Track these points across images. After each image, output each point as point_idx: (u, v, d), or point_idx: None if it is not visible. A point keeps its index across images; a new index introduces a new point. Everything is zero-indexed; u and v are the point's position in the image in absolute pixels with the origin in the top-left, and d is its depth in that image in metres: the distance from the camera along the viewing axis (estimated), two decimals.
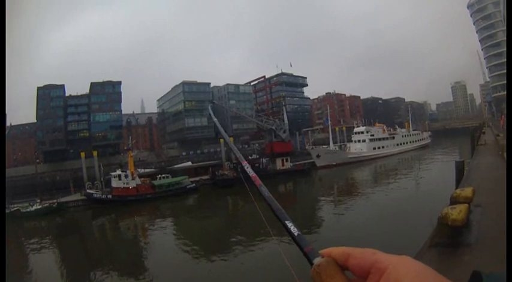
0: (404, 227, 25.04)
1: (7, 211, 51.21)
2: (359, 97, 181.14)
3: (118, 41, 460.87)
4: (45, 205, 54.57)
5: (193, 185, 64.33)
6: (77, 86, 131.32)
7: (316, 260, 1.04)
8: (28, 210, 53.22)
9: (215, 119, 3.99)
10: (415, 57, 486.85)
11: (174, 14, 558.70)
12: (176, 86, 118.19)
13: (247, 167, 1.81)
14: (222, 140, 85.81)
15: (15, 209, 53.12)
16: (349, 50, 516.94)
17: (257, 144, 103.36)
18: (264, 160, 76.91)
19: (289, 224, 1.24)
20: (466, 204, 8.79)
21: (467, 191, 9.74)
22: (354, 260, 0.98)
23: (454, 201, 9.31)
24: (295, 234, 1.20)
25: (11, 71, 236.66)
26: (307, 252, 1.10)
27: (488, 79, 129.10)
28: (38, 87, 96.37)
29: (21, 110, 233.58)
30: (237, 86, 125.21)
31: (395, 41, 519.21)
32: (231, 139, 15.32)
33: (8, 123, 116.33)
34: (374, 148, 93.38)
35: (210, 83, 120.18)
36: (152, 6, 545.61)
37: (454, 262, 7.25)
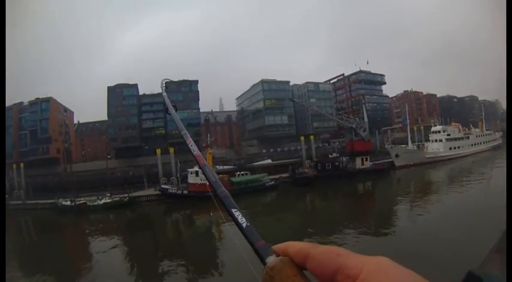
0: (476, 228, 23.31)
1: (72, 204, 51.86)
2: (435, 95, 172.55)
3: (195, 41, 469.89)
4: (115, 199, 53.53)
5: (273, 182, 61.81)
6: (151, 86, 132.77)
7: (270, 260, 0.89)
8: (95, 203, 52.31)
9: (164, 94, 2.76)
10: (485, 54, 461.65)
11: (250, 12, 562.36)
12: (255, 84, 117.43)
13: (192, 145, 1.67)
14: (303, 138, 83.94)
15: (81, 202, 52.38)
16: (423, 46, 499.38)
17: (337, 143, 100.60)
18: (344, 159, 73.28)
19: (237, 213, 1.10)
20: None
21: None
22: (315, 262, 0.82)
23: None
24: (244, 225, 1.05)
25: (79, 72, 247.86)
26: (258, 249, 0.95)
27: None
28: (108, 87, 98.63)
29: (89, 109, 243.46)
30: (316, 84, 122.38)
31: (466, 38, 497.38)
32: (312, 137, 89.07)
33: (75, 121, 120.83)
34: (450, 148, 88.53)
35: (289, 81, 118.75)
36: (228, 4, 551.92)
37: None
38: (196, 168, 56.73)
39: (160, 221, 46.45)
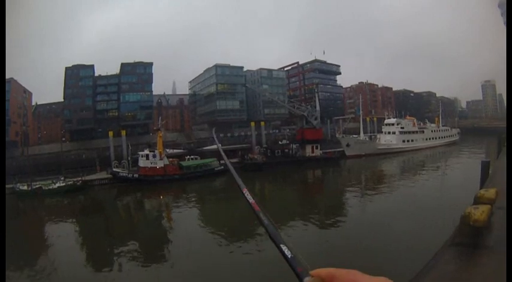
0: (428, 223, 24.01)
1: (29, 189, 51.38)
2: (391, 88, 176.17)
3: (152, 24, 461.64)
4: (69, 183, 53.37)
5: (222, 167, 61.71)
6: (108, 68, 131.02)
7: (306, 280, 1.14)
8: (50, 187, 52.02)
9: None
10: (447, 53, 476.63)
11: None
12: (209, 68, 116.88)
13: (247, 194, 1.94)
14: (253, 124, 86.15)
15: (37, 186, 51.99)
16: (383, 42, 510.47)
17: (288, 130, 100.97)
18: (294, 146, 75.92)
19: (284, 248, 1.33)
20: (489, 205, 8.94)
21: (490, 192, 9.91)
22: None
23: (478, 201, 9.56)
24: (289, 256, 1.28)
25: (40, 53, 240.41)
26: (298, 273, 1.18)
27: None
28: (66, 67, 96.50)
29: (48, 90, 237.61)
30: (270, 70, 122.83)
31: (428, 36, 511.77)
32: (262, 123, 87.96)
33: (33, 103, 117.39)
34: (403, 141, 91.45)
35: (243, 67, 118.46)
36: None
37: (471, 263, 7.25)
38: (147, 152, 58.13)
39: (112, 205, 46.65)
